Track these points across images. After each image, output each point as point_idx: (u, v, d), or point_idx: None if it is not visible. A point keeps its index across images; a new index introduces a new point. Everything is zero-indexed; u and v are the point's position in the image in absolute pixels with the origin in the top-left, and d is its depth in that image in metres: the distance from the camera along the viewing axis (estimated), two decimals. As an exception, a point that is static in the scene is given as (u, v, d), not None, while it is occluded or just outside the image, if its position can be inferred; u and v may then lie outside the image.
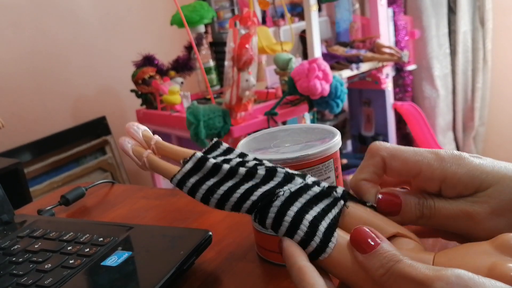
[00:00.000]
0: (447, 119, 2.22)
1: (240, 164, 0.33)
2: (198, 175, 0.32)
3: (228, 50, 1.21)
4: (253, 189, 0.31)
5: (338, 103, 1.31)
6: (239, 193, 0.31)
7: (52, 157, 1.77)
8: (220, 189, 0.31)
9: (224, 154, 0.34)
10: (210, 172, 0.32)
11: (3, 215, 0.54)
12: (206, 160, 0.33)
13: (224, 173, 0.32)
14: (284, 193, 0.30)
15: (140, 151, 0.37)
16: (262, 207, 0.30)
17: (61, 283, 0.39)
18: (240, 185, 0.31)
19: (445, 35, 2.13)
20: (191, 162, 0.33)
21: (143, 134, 0.38)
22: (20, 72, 1.73)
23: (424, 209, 0.30)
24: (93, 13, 1.92)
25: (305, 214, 0.29)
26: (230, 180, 0.31)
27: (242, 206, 0.31)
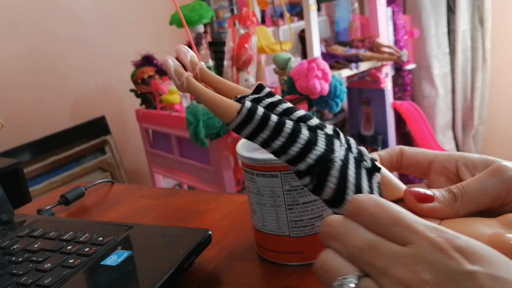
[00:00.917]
0: (446, 118, 2.22)
1: (284, 113, 0.32)
2: (251, 127, 0.31)
3: (227, 50, 1.21)
4: (307, 148, 0.30)
5: (337, 102, 1.31)
6: (295, 151, 0.30)
7: (51, 157, 1.77)
8: (274, 144, 0.31)
9: (267, 97, 0.34)
10: (260, 125, 0.31)
11: (2, 214, 0.54)
12: (254, 113, 0.31)
13: (272, 128, 0.31)
14: (338, 159, 0.30)
15: (182, 71, 0.36)
16: (320, 173, 0.30)
17: (60, 282, 0.39)
18: (292, 142, 0.31)
19: (444, 34, 2.13)
20: (240, 116, 0.32)
21: (191, 58, 0.38)
22: (20, 72, 1.73)
23: (453, 189, 0.30)
24: (93, 13, 1.92)
25: (361, 189, 0.29)
26: (280, 137, 0.31)
27: (297, 165, 0.30)
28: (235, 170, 1.38)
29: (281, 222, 0.41)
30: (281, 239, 0.42)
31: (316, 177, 0.30)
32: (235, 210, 0.55)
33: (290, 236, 0.42)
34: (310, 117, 0.32)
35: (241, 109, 0.31)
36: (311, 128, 0.31)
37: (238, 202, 0.58)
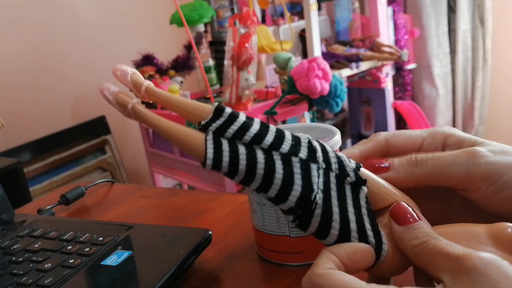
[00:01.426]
0: (447, 118, 2.22)
1: (254, 141, 0.29)
2: (223, 172, 0.28)
3: (228, 49, 1.21)
4: (284, 188, 0.28)
5: (337, 102, 1.31)
6: (273, 194, 0.28)
7: (52, 157, 1.77)
8: (252, 186, 0.29)
9: (231, 122, 0.29)
10: (231, 172, 0.29)
11: (3, 214, 0.54)
12: (220, 161, 0.28)
13: (243, 172, 0.28)
14: (319, 195, 0.28)
15: (125, 99, 0.32)
16: (302, 215, 0.28)
17: (61, 282, 0.39)
18: (268, 185, 0.28)
19: (444, 34, 2.13)
20: (208, 163, 0.28)
21: (132, 78, 0.33)
22: (20, 71, 1.72)
23: (417, 156, 0.30)
24: (93, 12, 1.92)
25: (349, 221, 0.28)
26: (254, 180, 0.28)
27: (281, 205, 0.29)
28: (236, 169, 1.38)
29: (281, 222, 0.41)
30: (281, 239, 0.42)
31: (299, 218, 0.29)
32: (235, 210, 0.55)
33: (290, 236, 0.42)
34: (281, 140, 0.29)
35: (206, 156, 0.28)
36: (284, 158, 0.28)
37: (238, 202, 0.58)
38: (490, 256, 0.24)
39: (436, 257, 0.25)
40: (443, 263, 0.25)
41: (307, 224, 0.29)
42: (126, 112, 0.32)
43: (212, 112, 0.29)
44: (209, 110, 0.29)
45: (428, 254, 0.26)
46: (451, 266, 0.24)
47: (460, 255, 0.24)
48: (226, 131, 0.29)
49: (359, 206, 0.29)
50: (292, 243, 0.42)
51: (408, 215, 0.28)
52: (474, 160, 0.29)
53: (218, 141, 0.28)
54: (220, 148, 0.28)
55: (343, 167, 0.29)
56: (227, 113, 0.29)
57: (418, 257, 0.26)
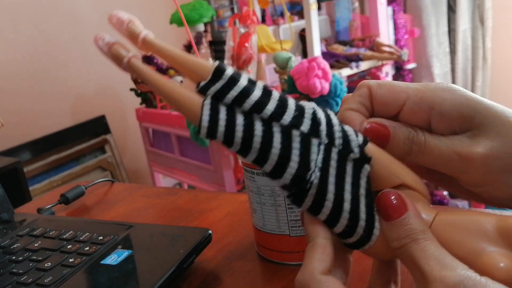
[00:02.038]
0: (446, 117, 2.22)
1: (253, 110, 0.27)
2: (219, 140, 0.27)
3: (228, 49, 1.21)
4: (279, 164, 0.27)
5: (337, 101, 1.31)
6: (268, 169, 0.27)
7: (51, 156, 1.77)
8: (248, 158, 0.27)
9: (230, 86, 0.27)
10: (227, 141, 0.27)
11: (2, 214, 0.54)
12: (215, 130, 0.27)
13: (239, 144, 0.27)
14: (316, 174, 0.26)
15: (121, 52, 0.30)
16: (296, 193, 0.27)
17: (61, 281, 0.39)
18: (264, 160, 0.27)
19: (444, 33, 2.13)
20: (202, 130, 0.27)
21: (128, 27, 0.31)
22: (20, 71, 1.72)
23: (413, 145, 0.28)
24: (92, 11, 1.92)
25: (343, 202, 0.27)
26: (250, 153, 0.27)
27: (277, 180, 0.28)
28: (235, 169, 1.38)
29: (281, 221, 0.41)
30: (281, 239, 0.42)
31: (293, 195, 0.28)
32: (235, 209, 0.55)
33: (290, 236, 0.42)
34: (283, 110, 0.27)
35: (201, 123, 0.27)
36: (284, 131, 0.27)
37: (238, 201, 0.58)
38: (462, 281, 0.22)
39: (412, 266, 0.24)
40: (417, 274, 0.24)
41: (301, 202, 0.28)
42: (122, 66, 0.30)
43: (211, 73, 0.28)
44: (209, 69, 0.28)
45: (407, 260, 0.25)
46: (421, 280, 0.23)
47: (428, 273, 0.23)
48: (225, 96, 0.27)
49: (357, 185, 0.27)
50: (292, 242, 0.42)
51: (390, 208, 0.26)
52: (468, 168, 0.26)
53: (216, 108, 0.27)
54: (216, 115, 0.27)
55: (347, 142, 0.27)
56: (227, 75, 0.27)
57: (401, 259, 0.25)
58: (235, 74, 0.28)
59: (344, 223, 0.27)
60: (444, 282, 0.22)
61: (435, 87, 0.28)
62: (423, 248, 0.24)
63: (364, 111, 0.29)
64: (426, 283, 0.23)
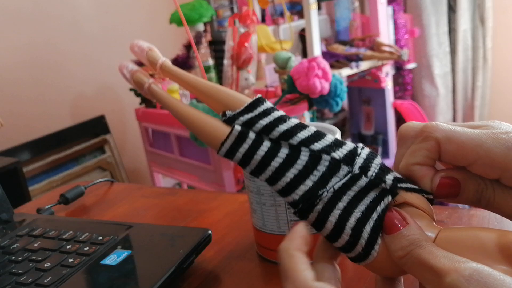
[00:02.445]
0: (447, 117, 2.22)
1: (283, 137, 0.28)
2: (236, 159, 0.28)
3: (227, 49, 1.21)
4: (294, 182, 0.27)
5: (337, 101, 1.31)
6: (280, 186, 0.28)
7: (51, 156, 1.77)
8: (261, 175, 0.28)
9: (262, 117, 0.29)
10: (249, 151, 0.28)
11: (2, 214, 0.54)
12: (244, 137, 0.28)
13: (261, 155, 0.28)
14: (328, 194, 0.27)
15: (142, 78, 0.32)
16: (302, 209, 0.28)
17: (60, 282, 0.39)
18: (282, 171, 0.28)
19: (445, 33, 2.13)
20: (229, 140, 0.28)
21: (148, 54, 0.32)
22: (20, 71, 1.72)
23: (482, 198, 0.28)
24: (92, 11, 1.92)
25: (348, 218, 0.27)
26: (270, 163, 0.28)
27: (285, 197, 0.29)
28: (235, 169, 1.38)
29: (281, 221, 0.41)
30: (281, 239, 0.42)
31: (299, 210, 0.28)
32: (235, 209, 0.55)
33: (291, 236, 0.41)
34: (316, 139, 0.28)
35: (226, 139, 0.28)
36: (313, 154, 0.27)
37: (238, 201, 0.57)
38: (476, 271, 0.22)
39: (421, 268, 0.24)
40: (427, 275, 0.24)
41: (306, 216, 0.28)
42: (143, 91, 0.32)
43: (249, 103, 0.29)
44: (241, 101, 0.29)
45: (414, 265, 0.24)
46: (433, 279, 0.23)
47: (440, 268, 0.23)
48: (256, 123, 0.28)
49: (373, 208, 0.27)
50: (292, 242, 0.42)
51: (395, 221, 0.26)
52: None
53: (244, 132, 0.28)
54: (244, 136, 0.28)
55: (382, 175, 0.28)
56: (262, 108, 0.29)
57: (406, 267, 0.25)
58: (271, 107, 0.29)
59: (345, 238, 0.27)
60: (460, 273, 0.22)
61: (508, 147, 0.26)
62: (431, 251, 0.24)
63: (432, 164, 0.29)
64: (440, 278, 0.23)
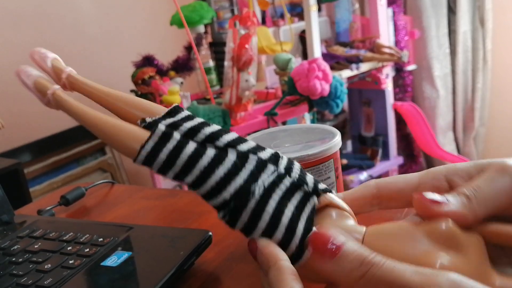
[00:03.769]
0: (447, 119, 2.22)
1: (208, 139, 0.28)
2: (166, 149, 0.27)
3: (228, 50, 1.21)
4: (224, 181, 0.27)
5: (338, 103, 1.31)
6: (210, 186, 0.27)
7: (52, 158, 1.77)
8: (188, 176, 0.27)
9: (185, 120, 0.29)
10: (174, 151, 0.27)
11: (3, 215, 0.54)
12: (169, 137, 0.27)
13: (188, 154, 0.27)
14: (259, 190, 0.27)
15: (45, 85, 0.29)
16: (234, 208, 0.27)
17: (61, 283, 0.39)
18: (211, 169, 0.27)
19: (445, 35, 2.13)
20: (151, 141, 0.27)
21: (53, 64, 0.31)
22: (20, 72, 1.73)
23: (463, 190, 0.26)
24: (93, 14, 1.92)
25: (282, 214, 0.27)
26: (197, 162, 0.27)
27: (212, 199, 0.28)
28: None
29: (282, 223, 0.41)
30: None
31: (230, 212, 0.27)
32: (236, 211, 0.55)
33: (291, 237, 0.41)
34: (242, 141, 0.28)
35: (144, 145, 0.27)
36: (240, 154, 0.27)
37: (238, 203, 0.57)
38: (453, 282, 0.21)
39: (387, 285, 0.23)
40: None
41: (236, 218, 0.27)
42: (45, 99, 0.29)
43: (170, 108, 0.29)
44: (160, 109, 0.29)
45: (376, 284, 0.23)
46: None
47: (417, 286, 0.22)
48: (180, 126, 0.28)
49: (302, 209, 0.27)
50: (292, 244, 0.42)
51: (329, 245, 0.24)
52: (510, 173, 0.26)
53: (168, 134, 0.27)
54: (166, 139, 0.27)
55: (304, 177, 0.28)
56: (183, 114, 0.29)
57: (367, 286, 0.23)
58: (191, 115, 0.29)
59: (279, 236, 0.27)
60: (437, 285, 0.21)
61: None
62: (392, 268, 0.23)
63: (363, 199, 0.31)
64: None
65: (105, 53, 1.95)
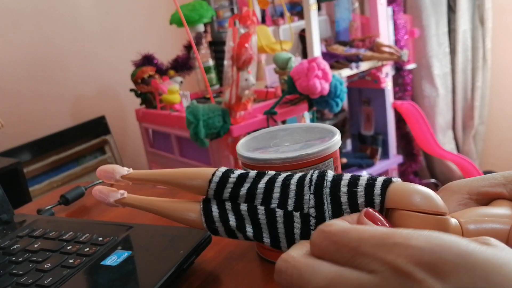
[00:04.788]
0: (446, 118, 2.22)
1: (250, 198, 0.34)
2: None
3: (228, 49, 1.21)
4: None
5: (337, 102, 1.31)
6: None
7: (51, 157, 1.77)
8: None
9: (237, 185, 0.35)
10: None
11: (2, 214, 0.54)
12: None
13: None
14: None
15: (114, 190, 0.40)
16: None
17: (60, 282, 0.39)
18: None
19: (444, 34, 2.13)
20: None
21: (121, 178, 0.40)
22: (20, 72, 1.72)
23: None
24: (92, 13, 1.92)
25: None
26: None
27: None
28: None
29: (281, 222, 0.41)
30: (281, 239, 0.42)
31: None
32: (235, 210, 0.55)
33: (290, 236, 0.41)
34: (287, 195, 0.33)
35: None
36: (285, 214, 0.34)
37: (238, 202, 0.57)
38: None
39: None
40: None
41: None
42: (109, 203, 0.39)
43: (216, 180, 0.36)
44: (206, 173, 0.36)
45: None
46: None
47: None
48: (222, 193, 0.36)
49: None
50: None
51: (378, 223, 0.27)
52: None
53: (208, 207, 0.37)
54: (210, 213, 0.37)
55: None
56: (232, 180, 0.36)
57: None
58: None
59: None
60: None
61: None
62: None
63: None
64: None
65: (104, 52, 1.95)
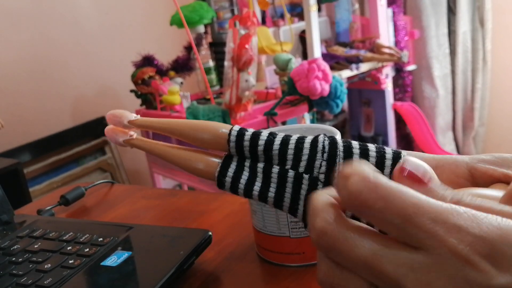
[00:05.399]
0: (446, 119, 2.22)
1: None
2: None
3: (228, 51, 1.21)
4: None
5: (337, 103, 1.31)
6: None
7: (51, 157, 1.77)
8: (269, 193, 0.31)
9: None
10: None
11: (2, 215, 0.54)
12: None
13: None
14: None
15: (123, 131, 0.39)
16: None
17: (60, 283, 0.39)
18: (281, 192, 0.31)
19: (444, 35, 2.13)
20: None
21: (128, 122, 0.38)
22: (20, 72, 1.73)
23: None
24: (93, 13, 1.92)
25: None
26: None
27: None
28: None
29: (281, 223, 0.41)
30: (281, 240, 0.42)
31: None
32: (235, 210, 0.55)
33: (290, 237, 0.42)
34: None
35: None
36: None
37: (238, 202, 0.58)
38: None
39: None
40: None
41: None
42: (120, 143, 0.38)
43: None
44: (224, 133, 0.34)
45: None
46: None
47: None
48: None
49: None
50: (292, 243, 0.42)
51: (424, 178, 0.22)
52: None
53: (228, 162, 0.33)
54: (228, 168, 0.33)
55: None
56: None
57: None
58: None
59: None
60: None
61: None
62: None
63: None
64: None
65: (105, 53, 1.95)
